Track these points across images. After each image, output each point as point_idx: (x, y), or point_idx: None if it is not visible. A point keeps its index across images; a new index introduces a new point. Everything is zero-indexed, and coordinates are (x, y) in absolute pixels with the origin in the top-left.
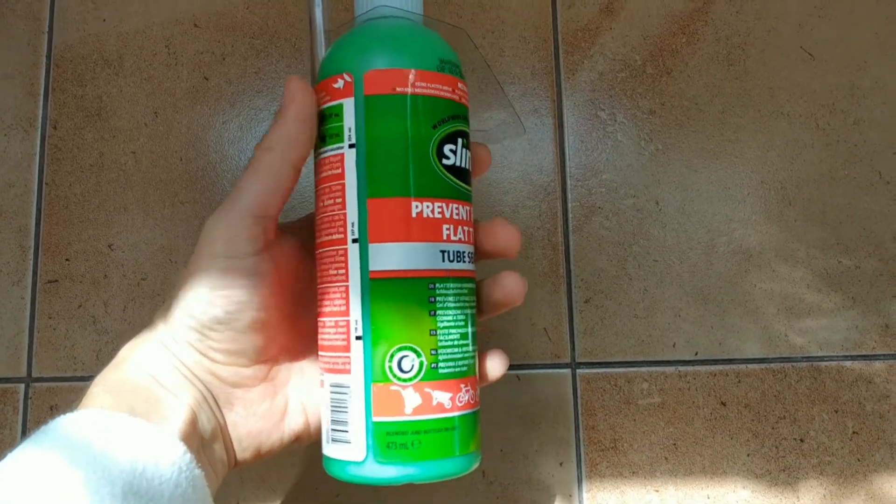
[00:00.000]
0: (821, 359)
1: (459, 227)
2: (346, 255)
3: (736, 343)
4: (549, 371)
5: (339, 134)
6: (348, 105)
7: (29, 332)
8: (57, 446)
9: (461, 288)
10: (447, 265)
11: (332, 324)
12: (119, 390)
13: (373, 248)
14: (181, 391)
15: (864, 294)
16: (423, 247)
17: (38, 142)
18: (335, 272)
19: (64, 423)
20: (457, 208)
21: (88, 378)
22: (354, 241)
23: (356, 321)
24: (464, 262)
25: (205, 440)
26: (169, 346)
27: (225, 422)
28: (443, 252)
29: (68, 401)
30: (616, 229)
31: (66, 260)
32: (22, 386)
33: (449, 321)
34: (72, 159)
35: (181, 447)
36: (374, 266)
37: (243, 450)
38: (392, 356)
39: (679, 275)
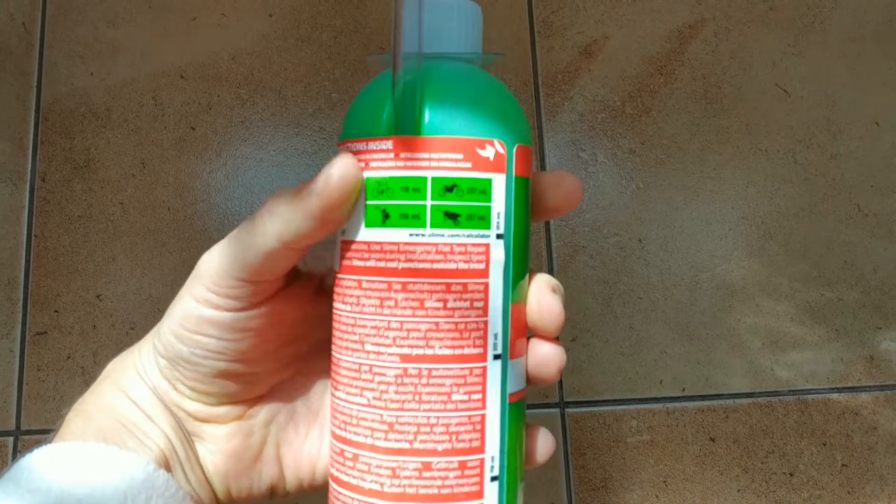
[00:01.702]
0: (807, 392)
1: None
2: (484, 375)
3: (722, 378)
4: (538, 411)
5: (485, 217)
6: (498, 183)
7: (18, 384)
8: (24, 490)
9: None
10: None
11: (454, 466)
12: (92, 413)
13: (511, 364)
14: (157, 416)
15: (848, 326)
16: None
17: (27, 194)
18: (465, 397)
19: (31, 463)
20: None
21: None
22: (496, 357)
23: (492, 458)
24: None
25: (182, 467)
26: (144, 366)
27: (197, 454)
28: None
29: None
30: (600, 268)
31: (55, 311)
32: (11, 439)
33: None
34: (60, 211)
35: (161, 474)
36: (511, 387)
37: (215, 488)
38: (517, 492)
39: (664, 311)
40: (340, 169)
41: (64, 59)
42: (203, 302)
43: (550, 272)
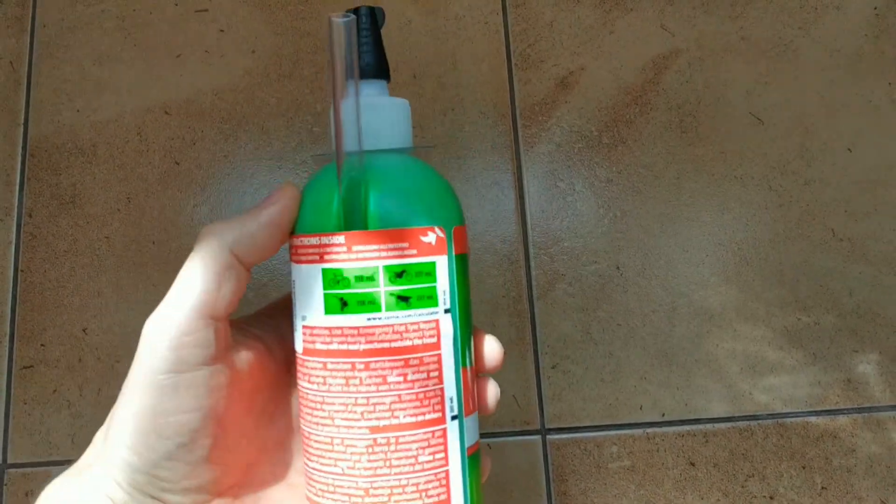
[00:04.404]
0: (786, 415)
1: None
2: (444, 435)
3: (702, 403)
4: (519, 438)
5: (433, 296)
6: (441, 264)
7: (4, 418)
8: None
9: None
10: None
11: None
12: None
13: (466, 422)
14: None
15: (825, 350)
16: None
17: (14, 230)
18: (430, 457)
19: None
20: None
21: (64, 463)
22: (454, 418)
23: None
24: None
25: None
26: (106, 491)
27: None
28: None
29: (43, 486)
30: (579, 295)
31: (42, 345)
32: None
33: None
34: (46, 246)
35: None
36: (468, 442)
37: None
38: None
39: (643, 338)
40: (281, 191)
41: (51, 97)
42: (175, 371)
43: (530, 300)
